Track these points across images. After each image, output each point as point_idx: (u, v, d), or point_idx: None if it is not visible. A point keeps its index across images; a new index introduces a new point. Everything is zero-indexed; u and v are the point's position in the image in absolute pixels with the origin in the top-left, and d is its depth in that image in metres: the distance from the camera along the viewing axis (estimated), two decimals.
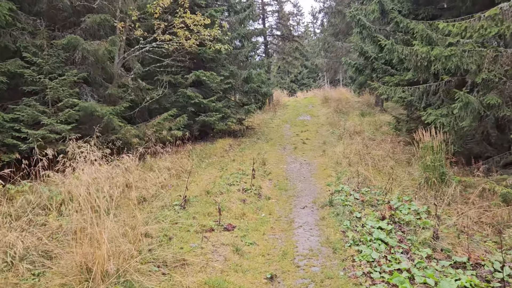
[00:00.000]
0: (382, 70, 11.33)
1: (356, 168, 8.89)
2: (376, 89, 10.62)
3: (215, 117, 13.42)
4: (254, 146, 13.45)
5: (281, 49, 26.02)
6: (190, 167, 9.67)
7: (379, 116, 17.40)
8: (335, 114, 19.36)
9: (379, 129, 14.60)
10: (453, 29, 6.71)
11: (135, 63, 11.66)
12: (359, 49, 12.00)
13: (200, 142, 13.84)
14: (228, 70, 14.46)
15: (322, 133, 15.58)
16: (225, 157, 11.77)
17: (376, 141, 11.72)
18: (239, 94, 14.91)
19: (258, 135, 15.69)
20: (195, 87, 14.12)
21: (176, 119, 12.23)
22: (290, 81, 51.42)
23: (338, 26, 19.90)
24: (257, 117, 20.31)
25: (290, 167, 10.40)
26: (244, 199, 7.15)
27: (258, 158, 11.19)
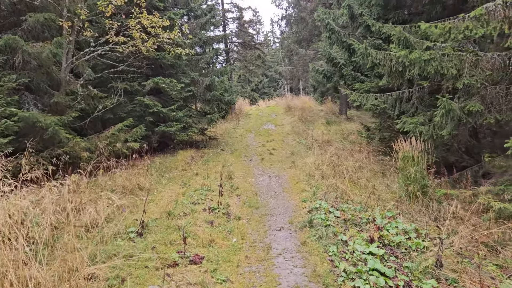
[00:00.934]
0: (351, 76, 10.88)
1: (330, 181, 8.27)
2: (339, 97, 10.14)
3: (176, 127, 12.45)
4: (218, 158, 12.59)
5: (243, 57, 25.37)
6: (149, 183, 8.67)
7: (345, 125, 17.09)
8: (300, 122, 18.89)
9: (347, 138, 14.20)
10: (436, 30, 6.25)
11: (86, 68, 10.51)
12: (327, 55, 11.52)
13: (160, 155, 12.80)
14: (189, 77, 13.57)
15: (288, 142, 14.97)
16: (188, 170, 10.83)
17: (346, 150, 11.21)
18: (201, 102, 14.03)
19: (222, 145, 14.83)
20: (154, 95, 13.09)
21: (133, 129, 11.16)
22: (251, 90, 51.10)
23: (302, 33, 19.54)
24: (220, 126, 19.46)
25: (259, 180, 9.63)
26: (211, 220, 6.27)
27: (224, 171, 10.33)
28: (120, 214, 6.47)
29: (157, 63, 12.73)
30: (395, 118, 9.10)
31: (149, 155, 12.29)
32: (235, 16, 25.28)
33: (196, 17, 14.97)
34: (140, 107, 12.24)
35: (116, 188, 7.86)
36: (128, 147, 10.62)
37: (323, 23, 10.38)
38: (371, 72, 10.44)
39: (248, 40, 25.81)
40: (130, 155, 10.77)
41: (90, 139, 10.11)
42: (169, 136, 13.00)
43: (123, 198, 7.35)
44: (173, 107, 12.57)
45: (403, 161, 7.30)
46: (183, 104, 13.77)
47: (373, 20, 9.18)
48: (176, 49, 10.30)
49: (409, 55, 6.95)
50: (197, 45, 14.07)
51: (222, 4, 25.09)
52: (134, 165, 10.42)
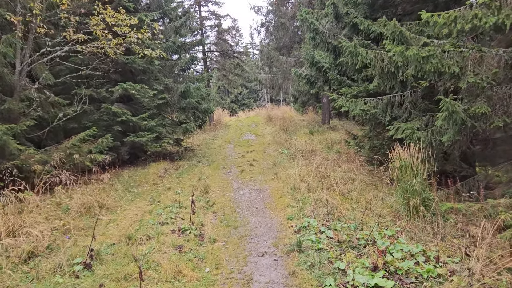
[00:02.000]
0: (337, 81, 10.10)
1: (318, 194, 7.37)
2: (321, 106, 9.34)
3: (147, 137, 11.38)
4: (194, 170, 11.55)
5: (222, 66, 24.51)
6: (112, 200, 7.58)
7: (329, 134, 16.34)
8: (281, 132, 18.05)
9: (332, 147, 13.41)
10: (440, 20, 5.49)
11: (43, 71, 9.41)
12: (310, 58, 10.73)
13: (130, 167, 11.68)
14: (163, 83, 12.57)
15: (270, 153, 14.07)
16: (159, 184, 9.75)
17: (332, 160, 10.36)
18: (176, 111, 13.02)
19: (199, 157, 13.80)
20: (124, 103, 12.02)
21: (98, 140, 10.05)
22: (231, 102, 50.55)
23: (282, 40, 18.84)
24: (197, 137, 18.43)
25: (238, 195, 8.65)
26: (180, 245, 5.24)
27: (199, 185, 9.32)
28: (71, 238, 5.38)
29: (126, 68, 11.69)
30: (387, 124, 8.32)
31: (118, 168, 11.20)
32: (213, 23, 24.50)
33: (170, 20, 14.03)
34: (108, 116, 11.16)
35: (72, 207, 6.74)
36: (92, 159, 9.51)
37: (306, 22, 9.60)
38: (358, 75, 9.69)
39: (226, 48, 25.01)
40: (95, 168, 9.67)
41: (48, 150, 8.97)
42: (140, 147, 11.91)
43: (78, 218, 6.24)
44: (144, 115, 11.52)
45: (401, 171, 6.47)
46: (156, 112, 12.74)
47: (362, 18, 8.45)
48: (146, 50, 9.32)
49: (405, 52, 6.17)
50: (171, 50, 13.09)
51: (199, 11, 24.29)
52: (98, 179, 9.31)
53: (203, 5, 24.40)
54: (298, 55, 17.79)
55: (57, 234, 5.51)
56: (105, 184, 8.94)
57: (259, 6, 19.65)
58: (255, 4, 19.86)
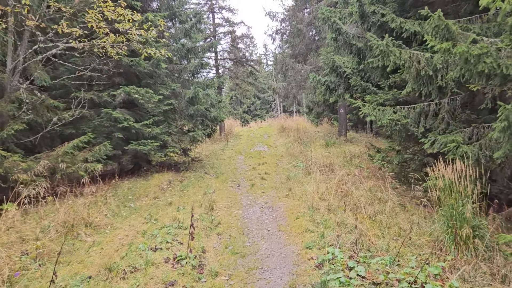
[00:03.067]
0: (361, 87, 9.06)
1: (341, 216, 6.28)
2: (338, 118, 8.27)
3: (151, 145, 10.45)
4: (200, 183, 10.55)
5: (234, 74, 23.66)
6: (103, 216, 6.60)
7: (346, 147, 15.22)
8: (295, 144, 16.99)
9: (351, 161, 12.30)
10: (504, 6, 4.45)
11: (37, 70, 8.59)
12: (330, 63, 9.73)
13: (131, 178, 10.75)
14: (170, 88, 11.68)
15: (283, 166, 13.01)
16: (160, 198, 8.77)
17: (353, 176, 9.27)
18: (183, 118, 12.10)
19: (206, 168, 12.82)
20: (128, 108, 11.15)
21: (96, 147, 9.15)
22: (243, 112, 49.91)
23: (298, 47, 17.91)
24: (206, 147, 17.50)
25: (248, 213, 7.60)
26: (173, 281, 4.19)
27: (204, 200, 8.32)
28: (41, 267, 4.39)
29: (131, 70, 10.84)
30: (420, 137, 7.25)
31: (118, 178, 10.28)
32: (226, 30, 23.75)
33: (181, 22, 13.21)
34: (109, 122, 10.28)
35: (53, 224, 5.77)
36: (87, 169, 8.60)
37: (328, 22, 8.62)
38: (385, 81, 8.65)
39: (240, 56, 24.21)
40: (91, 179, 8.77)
41: (38, 158, 8.09)
42: (144, 156, 10.99)
43: (57, 239, 5.27)
44: (147, 122, 10.61)
45: (444, 192, 5.37)
46: (161, 119, 11.84)
47: (393, 15, 7.43)
48: (149, 49, 8.42)
49: (452, 49, 5.12)
50: (179, 54, 12.23)
51: (213, 18, 23.62)
52: (93, 191, 8.37)
53: (216, 12, 23.73)
54: (315, 63, 16.81)
55: (27, 260, 4.54)
56: (100, 197, 7.98)
57: (275, 12, 18.78)
58: (270, 10, 18.89)
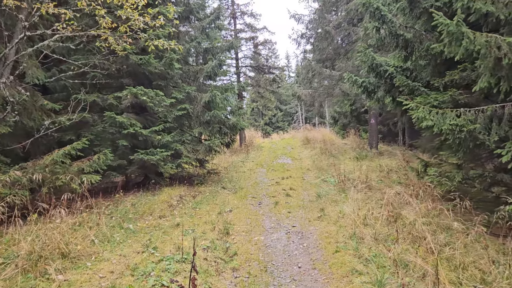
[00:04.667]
0: (407, 88, 7.49)
1: (396, 250, 4.71)
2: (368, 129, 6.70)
3: (160, 155, 9.13)
4: (216, 199, 9.13)
5: (256, 82, 22.36)
6: (88, 242, 5.23)
7: (379, 160, 13.55)
8: (322, 156, 15.41)
9: (388, 176, 10.67)
10: None
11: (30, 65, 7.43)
12: (369, 61, 8.23)
13: (137, 192, 9.43)
14: (184, 91, 10.38)
15: (310, 180, 11.47)
16: (167, 217, 7.38)
17: (395, 194, 7.66)
18: (198, 125, 10.76)
19: (224, 182, 11.40)
20: (137, 113, 9.91)
21: (95, 156, 7.87)
22: (264, 124, 48.81)
23: (325, 51, 16.46)
24: (225, 158, 16.11)
25: (271, 240, 6.10)
26: None
27: (219, 222, 6.88)
28: None
29: (140, 70, 9.61)
30: (492, 147, 5.68)
31: (123, 192, 8.97)
32: (248, 36, 22.55)
33: (198, 20, 12.00)
34: (114, 127, 9.04)
35: (21, 254, 4.42)
36: (83, 181, 7.31)
37: (370, 8, 7.15)
38: (440, 80, 7.09)
39: (262, 63, 22.94)
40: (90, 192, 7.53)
41: (24, 167, 6.86)
42: (152, 167, 9.65)
43: (14, 278, 3.90)
44: (156, 128, 9.31)
45: None
46: (174, 126, 10.53)
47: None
48: (156, 41, 7.11)
49: None
50: (196, 53, 10.98)
51: (234, 24, 22.51)
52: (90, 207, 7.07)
53: (238, 17, 22.62)
54: (344, 68, 15.30)
55: None
56: (95, 215, 6.64)
57: (300, 14, 17.41)
58: (295, 12, 17.57)
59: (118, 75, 9.89)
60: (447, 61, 7.40)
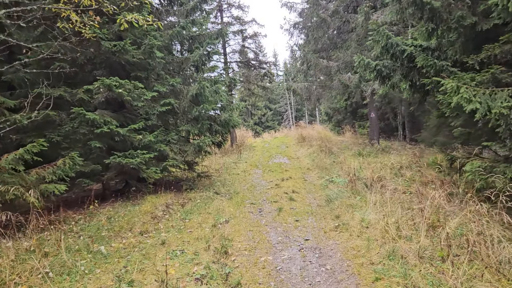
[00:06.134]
0: (433, 69, 6.27)
1: (457, 273, 3.46)
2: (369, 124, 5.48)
3: (141, 157, 7.77)
4: (209, 207, 7.80)
5: (246, 77, 21.03)
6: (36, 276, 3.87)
7: (385, 156, 12.37)
8: (322, 155, 14.17)
9: (400, 174, 9.47)
10: None
11: None
12: (383, 40, 7.00)
13: (117, 202, 8.05)
14: (168, 84, 9.02)
15: (313, 181, 10.21)
16: (150, 233, 6.03)
17: (416, 195, 6.44)
18: (186, 122, 9.41)
19: (217, 186, 10.06)
20: (114, 110, 8.53)
21: (59, 161, 6.46)
22: (254, 124, 47.85)
23: (321, 41, 15.20)
24: (216, 160, 14.77)
25: (282, 260, 4.79)
26: None
27: (214, 237, 5.56)
28: None
29: (115, 59, 8.22)
30: None
31: (98, 202, 7.60)
32: (236, 29, 21.21)
33: (181, 5, 10.65)
34: (85, 127, 7.64)
35: None
36: (44, 192, 5.93)
37: None
38: (474, 57, 5.88)
39: (251, 58, 21.64)
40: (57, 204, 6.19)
41: None
42: (132, 172, 8.27)
43: None
44: (136, 126, 7.93)
45: None
46: (158, 124, 9.18)
47: None
48: (128, 15, 5.73)
49: None
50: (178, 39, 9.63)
51: (221, 17, 21.16)
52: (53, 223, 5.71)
53: (225, 10, 21.28)
54: (342, 58, 14.07)
55: None
56: (56, 234, 5.26)
57: (292, 2, 16.16)
58: (287, 0, 16.28)
59: (91, 66, 8.52)
60: (479, 35, 6.22)
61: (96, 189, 9.02)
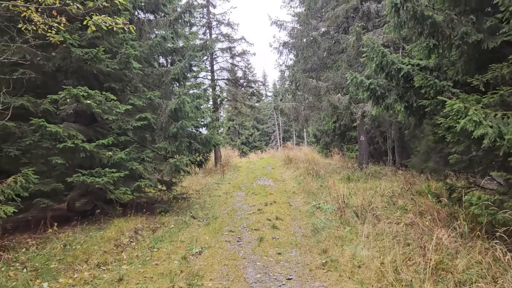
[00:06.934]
0: (433, 89, 5.70)
1: None
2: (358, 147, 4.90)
3: (109, 176, 7.00)
4: (183, 234, 7.02)
5: (233, 96, 20.46)
6: None
7: (375, 182, 11.76)
8: (309, 178, 13.48)
9: (392, 202, 8.84)
10: None
11: None
12: (378, 58, 6.47)
13: (80, 226, 7.20)
14: (145, 97, 8.33)
15: (299, 206, 9.50)
16: (110, 265, 5.22)
17: (415, 228, 5.80)
18: (163, 139, 8.67)
19: (194, 209, 9.27)
20: (84, 123, 7.79)
21: (9, 180, 5.65)
22: (241, 143, 47.34)
23: (311, 60, 14.76)
24: (197, 180, 14.00)
25: None
26: None
27: (181, 273, 4.78)
28: None
29: (86, 68, 7.52)
30: None
31: (56, 226, 6.76)
32: (225, 47, 20.76)
33: (165, 16, 10.07)
34: (48, 140, 6.84)
35: None
36: None
37: None
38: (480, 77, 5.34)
39: (239, 76, 21.17)
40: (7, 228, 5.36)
41: None
42: (99, 192, 7.46)
43: None
44: (105, 141, 7.18)
45: None
46: (132, 140, 8.44)
47: None
48: (97, 17, 5.05)
49: None
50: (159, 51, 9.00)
51: (210, 34, 20.71)
52: None
53: (214, 27, 20.86)
54: (332, 78, 13.62)
55: None
56: None
57: (282, 21, 15.75)
58: (277, 18, 15.87)
59: (61, 75, 7.81)
60: (483, 54, 5.72)
61: (60, 209, 8.17)
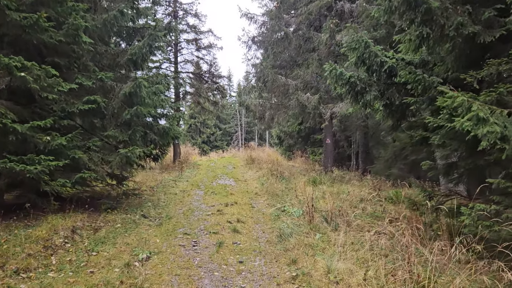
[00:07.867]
0: (421, 85, 5.15)
1: None
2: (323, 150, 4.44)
3: (44, 164, 5.92)
4: (129, 235, 6.07)
5: (196, 90, 19.46)
6: None
7: (341, 186, 11.30)
8: (272, 179, 12.79)
9: (360, 206, 8.36)
10: None
11: None
12: (360, 48, 5.86)
13: (10, 220, 6.08)
14: (95, 77, 7.27)
15: (262, 209, 8.76)
16: (32, 272, 4.22)
17: (385, 237, 5.25)
18: (115, 126, 7.65)
19: (146, 207, 8.29)
20: (20, 103, 6.64)
21: None
22: (202, 142, 46.30)
23: (281, 56, 14.14)
24: (153, 176, 12.96)
25: None
26: None
27: (122, 284, 3.88)
28: None
29: (26, 38, 6.40)
30: None
31: None
32: (191, 38, 19.72)
33: None
34: None
35: None
36: None
37: None
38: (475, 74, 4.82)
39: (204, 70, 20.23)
40: None
41: None
42: (31, 183, 6.35)
43: None
44: (41, 123, 6.09)
45: None
46: (76, 125, 7.36)
47: None
48: None
49: None
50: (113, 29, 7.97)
51: (175, 24, 19.58)
52: None
53: (180, 17, 19.78)
54: (303, 76, 13.05)
55: None
56: None
57: (253, 14, 14.97)
58: (247, 11, 15.13)
59: None
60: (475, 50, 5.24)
61: None
